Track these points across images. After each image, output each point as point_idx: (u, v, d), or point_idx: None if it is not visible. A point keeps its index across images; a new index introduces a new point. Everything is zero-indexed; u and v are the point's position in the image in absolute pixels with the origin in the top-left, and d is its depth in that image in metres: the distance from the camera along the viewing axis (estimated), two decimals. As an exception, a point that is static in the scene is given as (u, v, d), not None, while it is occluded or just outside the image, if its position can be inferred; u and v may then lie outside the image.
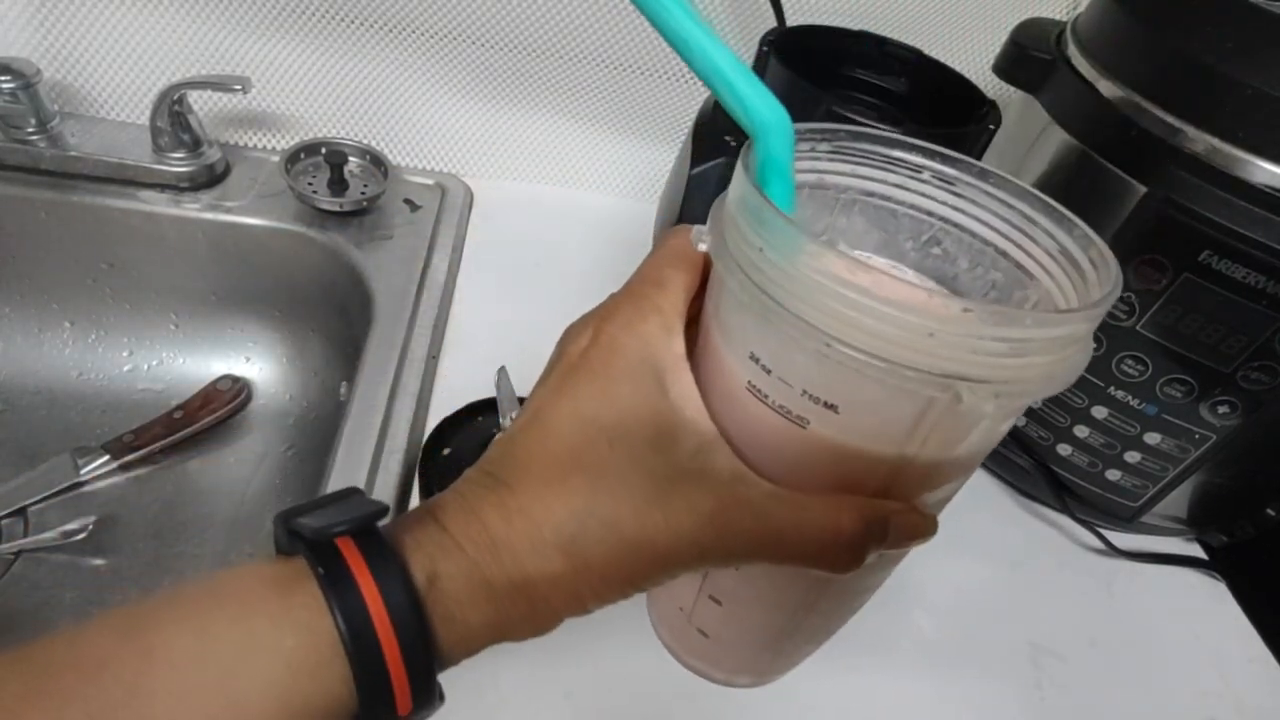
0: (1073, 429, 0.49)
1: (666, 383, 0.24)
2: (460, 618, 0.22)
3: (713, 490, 0.23)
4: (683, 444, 0.23)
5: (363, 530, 0.22)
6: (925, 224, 0.26)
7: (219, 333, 0.65)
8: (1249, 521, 0.52)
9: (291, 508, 0.23)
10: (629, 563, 0.22)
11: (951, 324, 0.18)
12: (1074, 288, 0.23)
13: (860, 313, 0.19)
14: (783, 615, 0.28)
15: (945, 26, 0.63)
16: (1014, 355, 0.19)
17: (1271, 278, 0.38)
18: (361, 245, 0.60)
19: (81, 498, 0.57)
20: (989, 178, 0.25)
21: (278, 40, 0.60)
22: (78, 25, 0.57)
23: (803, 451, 0.22)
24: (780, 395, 0.22)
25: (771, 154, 0.22)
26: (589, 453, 0.23)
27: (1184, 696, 0.46)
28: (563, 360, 0.25)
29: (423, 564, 0.22)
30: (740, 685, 0.34)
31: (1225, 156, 0.39)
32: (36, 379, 0.62)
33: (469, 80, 0.64)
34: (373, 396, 0.49)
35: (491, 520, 0.23)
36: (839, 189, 0.26)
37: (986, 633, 0.46)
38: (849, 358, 0.19)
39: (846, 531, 0.22)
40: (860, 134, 0.25)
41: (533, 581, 0.22)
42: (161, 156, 0.59)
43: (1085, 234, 0.23)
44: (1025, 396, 0.21)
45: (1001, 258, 0.25)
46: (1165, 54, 0.41)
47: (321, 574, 0.21)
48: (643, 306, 0.24)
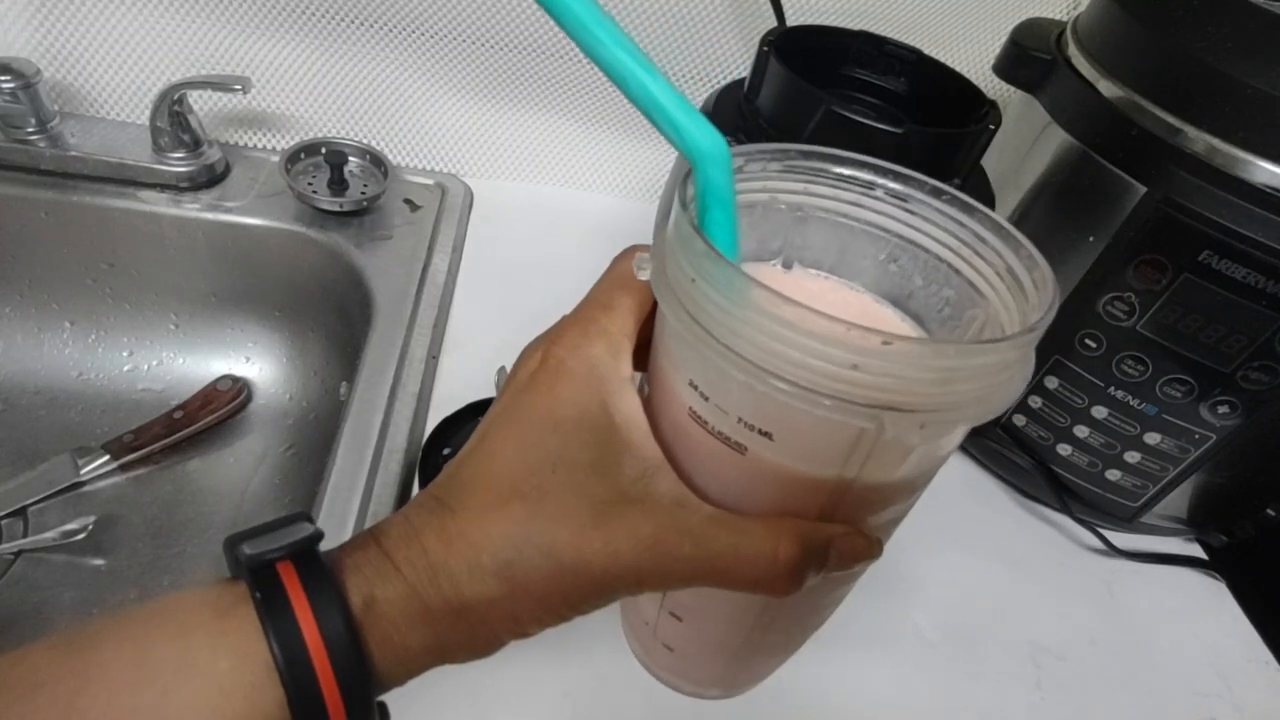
0: (1073, 429, 0.49)
1: (611, 406, 0.24)
2: (398, 640, 0.23)
3: (653, 515, 0.23)
4: (626, 468, 0.23)
5: (302, 554, 0.23)
6: (882, 240, 0.26)
7: (219, 333, 0.65)
8: (1249, 521, 0.52)
9: (239, 532, 0.23)
10: (565, 587, 0.22)
11: (873, 356, 0.19)
12: (1018, 308, 0.23)
13: (786, 345, 0.19)
14: (742, 632, 0.28)
15: (945, 26, 0.63)
16: (939, 385, 0.19)
17: (1271, 278, 0.38)
18: (361, 245, 0.60)
19: (81, 498, 0.57)
20: (941, 195, 0.25)
21: (278, 40, 0.60)
22: (78, 25, 0.57)
23: (743, 476, 0.23)
24: (718, 422, 0.22)
25: (711, 182, 0.22)
26: (531, 478, 0.23)
27: (1184, 696, 0.46)
28: (513, 382, 0.25)
29: (360, 587, 0.23)
30: (710, 697, 0.35)
31: (1225, 156, 0.39)
32: (36, 379, 0.62)
33: (469, 80, 0.64)
34: (373, 396, 0.49)
35: (431, 544, 0.23)
36: (793, 207, 0.26)
37: (986, 632, 0.46)
38: (777, 389, 0.19)
39: (783, 557, 0.22)
40: (811, 152, 0.25)
41: (470, 606, 0.23)
42: (161, 156, 0.59)
43: (1030, 255, 0.23)
44: (957, 423, 0.21)
45: (955, 275, 0.25)
46: (1165, 54, 0.41)
47: (258, 599, 0.22)
48: (589, 330, 0.24)
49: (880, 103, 0.49)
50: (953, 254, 0.25)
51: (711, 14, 0.61)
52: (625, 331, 0.25)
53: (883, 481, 0.22)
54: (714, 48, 0.63)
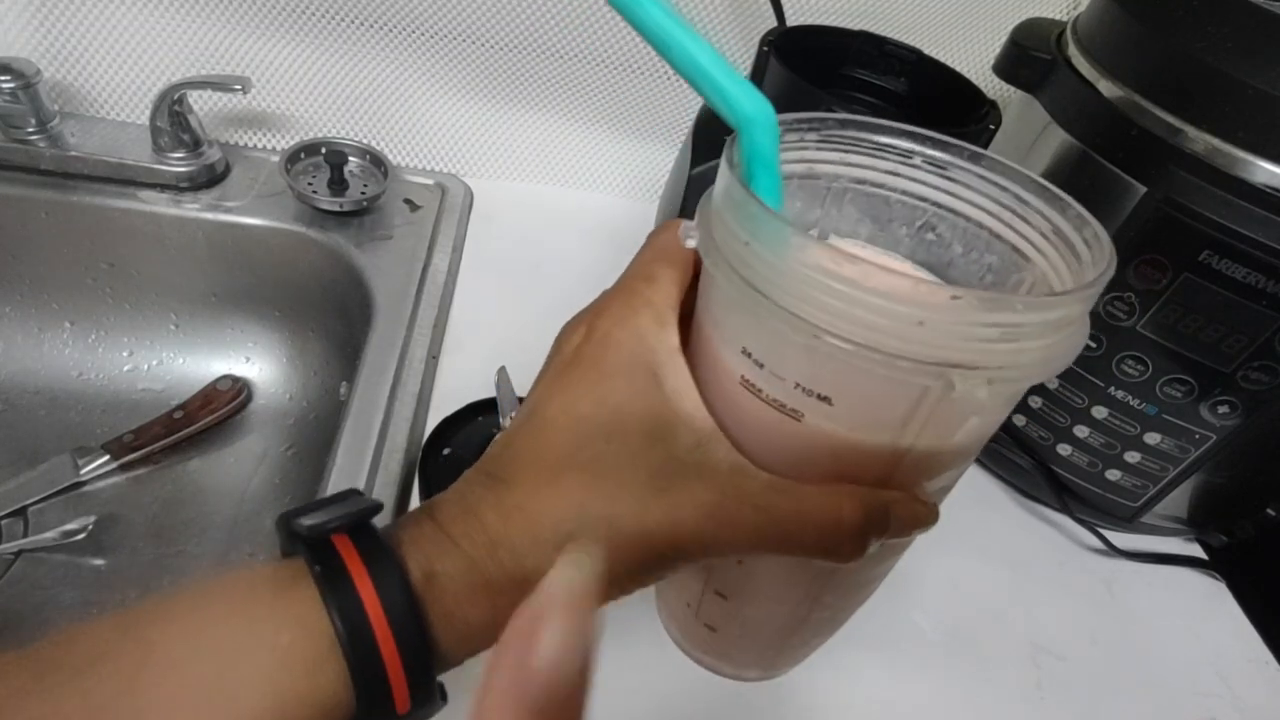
0: (1073, 429, 0.49)
1: (661, 376, 0.23)
2: (459, 616, 0.22)
3: (713, 483, 0.22)
4: (681, 438, 0.23)
5: (359, 529, 0.22)
6: (919, 210, 0.26)
7: (219, 333, 0.65)
8: (1249, 521, 0.52)
9: (292, 509, 0.23)
10: (627, 558, 0.22)
11: (941, 312, 0.18)
12: (1069, 269, 0.23)
13: (849, 304, 0.19)
14: (788, 609, 0.28)
15: (945, 26, 0.63)
16: (1006, 340, 0.19)
17: (1271, 278, 0.38)
18: (361, 245, 0.60)
19: (81, 498, 0.57)
20: (981, 160, 0.25)
21: (278, 40, 0.60)
22: (78, 25, 0.57)
23: (799, 444, 0.22)
24: (774, 389, 0.22)
25: (756, 147, 0.21)
26: (585, 449, 0.23)
27: (1184, 696, 0.46)
28: (558, 357, 0.25)
29: (420, 562, 0.22)
30: (749, 679, 0.34)
31: (1225, 156, 0.39)
32: (36, 379, 0.62)
33: (469, 80, 0.64)
34: (373, 396, 0.49)
35: (489, 518, 0.23)
36: (830, 178, 0.26)
37: (986, 633, 0.46)
38: (838, 350, 0.19)
39: (847, 520, 0.22)
40: (849, 121, 0.25)
41: (531, 579, 0.22)
42: (161, 156, 0.59)
43: (1079, 214, 0.23)
44: (1021, 381, 0.20)
45: (996, 241, 0.25)
46: (1165, 54, 0.41)
47: (318, 571, 0.21)
48: (634, 301, 0.24)
49: (880, 103, 0.49)
50: (994, 219, 0.25)
51: (711, 14, 0.61)
52: (670, 303, 0.24)
53: (939, 447, 0.22)
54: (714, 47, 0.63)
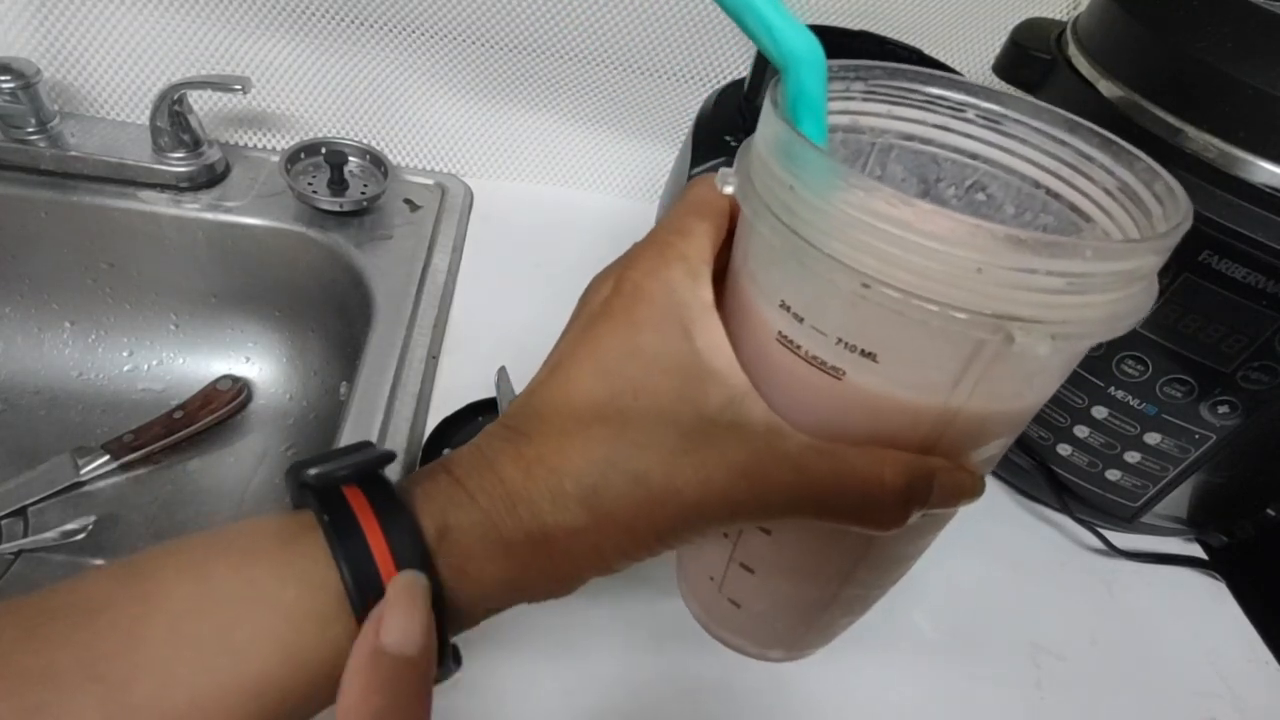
0: (1073, 429, 0.49)
1: (693, 331, 0.22)
2: (474, 573, 0.21)
3: (746, 442, 0.21)
4: (712, 396, 0.22)
5: (371, 479, 0.22)
6: (969, 168, 0.24)
7: (219, 333, 0.65)
8: (1249, 521, 0.52)
9: (302, 459, 0.22)
10: (655, 516, 0.21)
11: (1002, 257, 0.17)
12: (1136, 226, 0.21)
13: (902, 249, 0.17)
14: (819, 585, 0.26)
15: (945, 26, 0.63)
16: (1072, 292, 0.17)
17: (1271, 278, 0.38)
18: (361, 245, 0.60)
19: (81, 498, 0.57)
20: (1041, 114, 0.23)
21: (278, 40, 0.60)
22: (78, 25, 0.57)
23: (838, 405, 0.21)
24: (814, 345, 0.20)
25: (804, 87, 0.20)
26: (612, 403, 0.22)
27: (1184, 696, 0.46)
28: (584, 310, 0.24)
29: (433, 515, 0.21)
30: (773, 659, 0.32)
31: (1225, 156, 0.39)
32: (36, 379, 0.62)
33: (469, 80, 0.64)
34: (373, 396, 0.49)
35: (508, 472, 0.22)
36: (875, 132, 0.24)
37: (986, 633, 0.46)
38: (889, 299, 0.18)
39: (890, 486, 0.20)
40: (899, 71, 0.23)
41: (552, 536, 0.21)
42: (161, 156, 0.59)
43: (1149, 167, 0.21)
44: (1085, 339, 0.19)
45: (1053, 200, 0.23)
46: (1165, 54, 0.41)
47: (326, 521, 0.20)
48: (667, 254, 0.23)
49: (880, 103, 0.49)
50: (1051, 176, 0.23)
51: (711, 14, 0.61)
52: (703, 257, 0.23)
53: (990, 411, 0.21)
54: (714, 48, 0.63)
